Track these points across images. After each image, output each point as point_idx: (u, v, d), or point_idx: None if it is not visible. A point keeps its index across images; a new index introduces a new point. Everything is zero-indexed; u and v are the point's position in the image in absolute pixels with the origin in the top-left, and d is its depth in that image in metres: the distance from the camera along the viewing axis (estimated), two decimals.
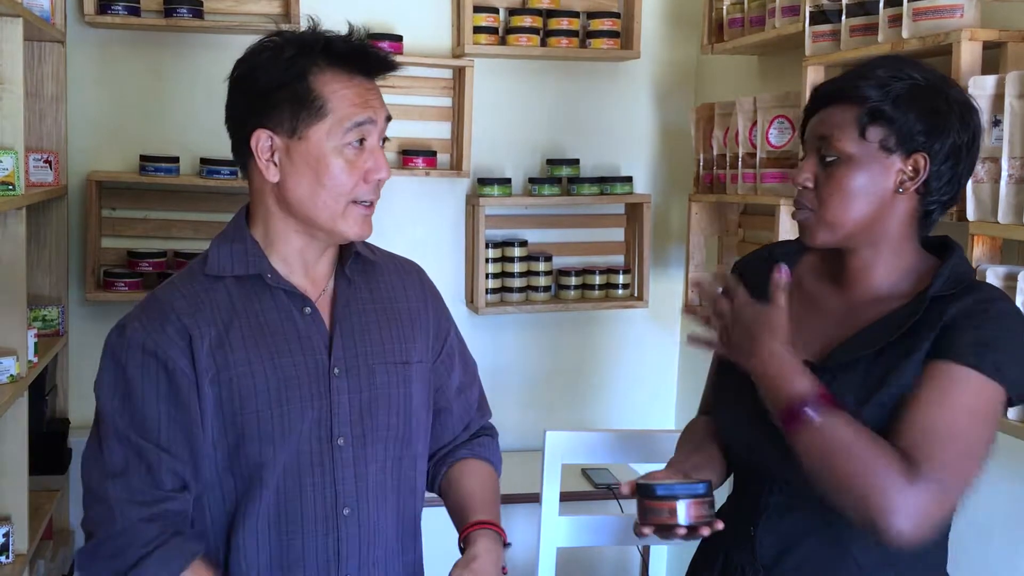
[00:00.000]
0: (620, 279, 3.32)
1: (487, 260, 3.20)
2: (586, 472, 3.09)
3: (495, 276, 3.23)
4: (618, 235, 3.42)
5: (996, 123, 1.74)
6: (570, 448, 2.27)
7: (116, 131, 3.02)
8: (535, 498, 2.30)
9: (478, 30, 3.14)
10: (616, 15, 3.25)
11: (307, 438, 1.46)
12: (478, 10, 3.13)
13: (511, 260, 3.24)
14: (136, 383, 1.43)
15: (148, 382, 1.42)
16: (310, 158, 1.43)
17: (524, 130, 3.32)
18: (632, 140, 3.41)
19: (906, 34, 2.00)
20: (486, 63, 3.22)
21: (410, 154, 3.12)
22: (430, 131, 3.23)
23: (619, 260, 3.41)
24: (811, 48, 2.36)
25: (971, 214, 1.83)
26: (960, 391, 1.30)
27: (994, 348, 1.30)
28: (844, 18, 2.23)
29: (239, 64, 1.48)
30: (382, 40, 2.98)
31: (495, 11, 3.16)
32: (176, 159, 2.95)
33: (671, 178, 3.44)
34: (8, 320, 2.36)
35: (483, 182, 3.19)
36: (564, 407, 3.42)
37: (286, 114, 1.43)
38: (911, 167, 1.36)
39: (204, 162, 2.95)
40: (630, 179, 3.28)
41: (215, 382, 1.43)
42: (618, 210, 3.39)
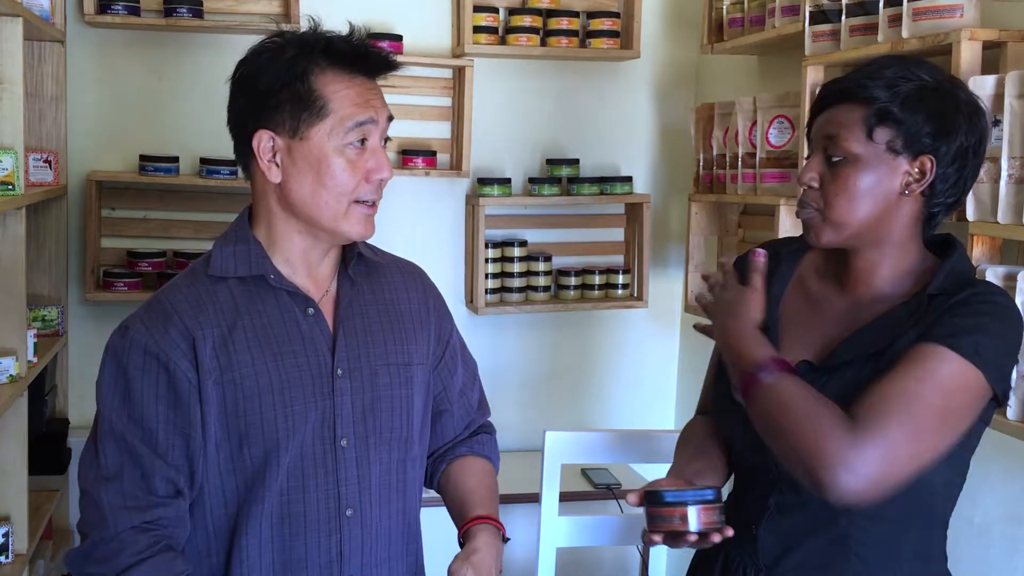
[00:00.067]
0: (620, 279, 3.31)
1: (487, 260, 3.20)
2: (586, 472, 3.09)
3: (495, 276, 3.23)
4: (618, 235, 3.42)
5: (996, 123, 1.74)
6: (570, 448, 2.27)
7: (116, 131, 3.02)
8: (535, 498, 2.30)
9: (478, 30, 3.13)
10: (616, 15, 3.25)
11: (311, 439, 1.46)
12: (478, 10, 3.13)
13: (511, 260, 3.24)
14: (136, 384, 1.43)
15: (148, 383, 1.42)
16: (312, 158, 1.43)
17: (524, 130, 3.32)
18: (632, 140, 3.41)
19: (906, 34, 2.00)
20: (486, 63, 3.22)
21: (410, 154, 3.12)
22: (430, 131, 3.23)
23: (619, 260, 3.41)
24: (811, 48, 2.36)
25: (971, 214, 1.83)
26: (930, 366, 1.28)
27: (975, 332, 1.29)
28: (844, 18, 2.23)
29: (240, 65, 1.48)
30: (382, 40, 2.98)
31: (495, 11, 3.16)
32: (176, 159, 2.95)
33: (671, 178, 3.44)
34: (8, 320, 2.35)
35: (483, 182, 3.19)
36: (564, 407, 3.42)
37: (287, 114, 1.43)
38: (917, 169, 1.36)
39: (204, 162, 2.95)
40: (630, 179, 3.28)
41: (219, 383, 1.43)
42: (618, 210, 3.39)
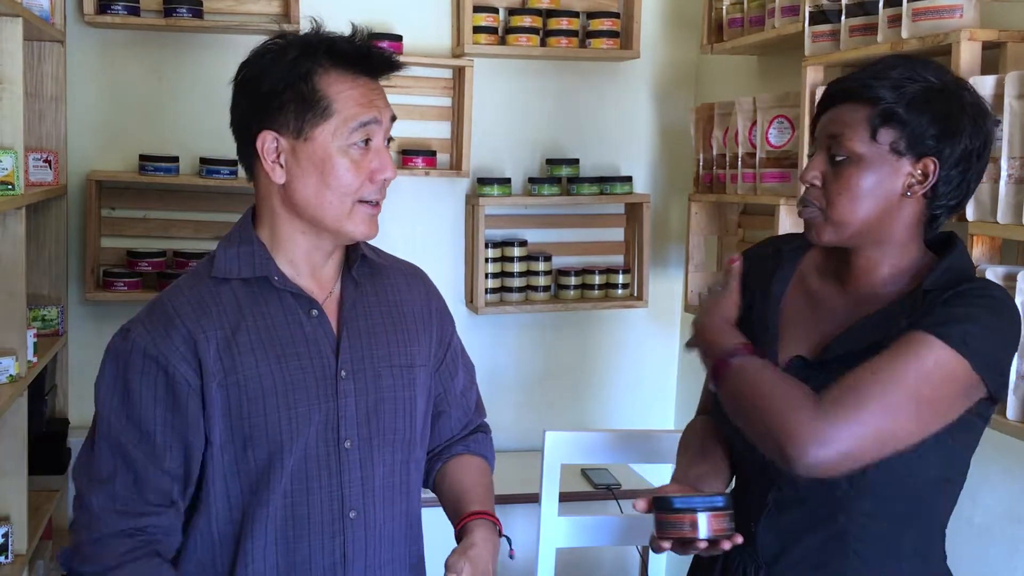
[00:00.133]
0: (620, 279, 3.31)
1: (487, 260, 3.20)
2: (585, 472, 3.09)
3: (495, 276, 3.23)
4: (618, 235, 3.42)
5: (996, 123, 1.74)
6: (569, 448, 2.26)
7: (116, 131, 3.02)
8: (534, 498, 2.29)
9: (478, 30, 3.13)
10: (616, 15, 3.25)
11: (314, 441, 1.46)
12: (478, 10, 3.13)
13: (511, 260, 3.24)
14: (135, 386, 1.42)
15: (147, 386, 1.42)
16: (316, 159, 1.43)
17: (524, 130, 3.32)
18: (632, 140, 3.41)
19: (905, 34, 2.00)
20: (486, 63, 3.22)
21: (410, 154, 3.12)
22: (430, 131, 3.23)
23: (619, 260, 3.41)
24: (811, 48, 2.36)
25: (970, 214, 1.83)
26: (914, 351, 1.28)
27: (965, 321, 1.29)
28: (844, 18, 2.23)
29: (243, 66, 1.48)
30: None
31: (495, 11, 3.16)
32: (176, 159, 2.95)
33: (671, 178, 3.44)
34: (7, 320, 2.35)
35: (483, 182, 3.19)
36: (563, 407, 3.42)
37: (291, 115, 1.43)
38: (920, 171, 1.36)
39: (204, 162, 2.95)
40: (630, 179, 3.28)
41: (223, 385, 1.43)
42: (618, 210, 3.39)
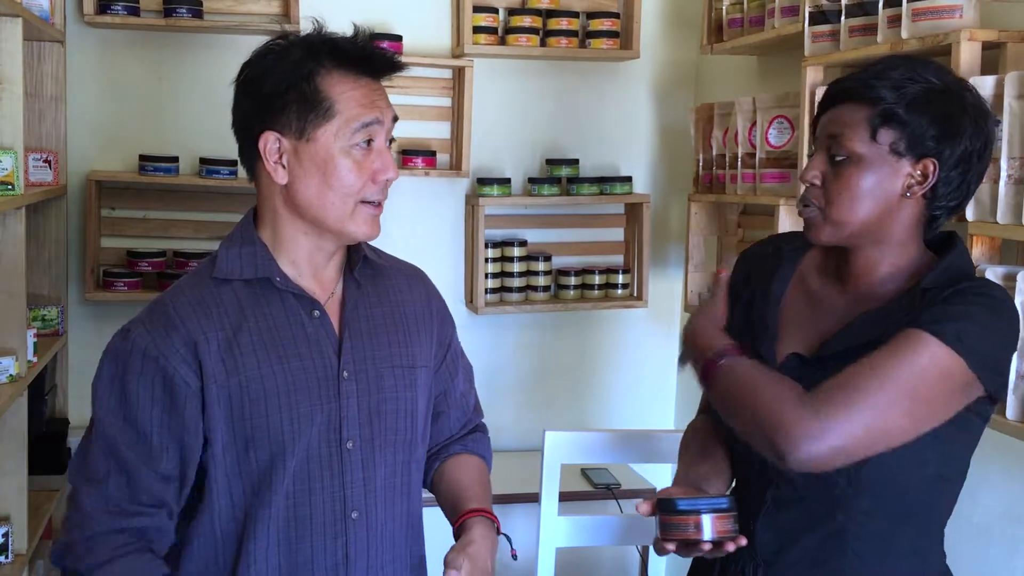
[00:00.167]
0: (619, 279, 3.31)
1: (486, 260, 3.20)
2: (585, 472, 3.09)
3: (494, 276, 3.23)
4: (617, 235, 3.42)
5: (996, 124, 1.74)
6: (569, 448, 2.27)
7: (115, 131, 3.02)
8: (534, 498, 2.30)
9: (478, 30, 3.14)
10: (615, 15, 3.25)
11: (316, 442, 1.46)
12: (478, 10, 3.13)
13: (510, 260, 3.24)
14: (133, 387, 1.42)
15: (145, 387, 1.42)
16: (318, 159, 1.43)
17: (524, 130, 3.32)
18: (631, 140, 3.41)
19: (905, 34, 2.00)
20: (486, 63, 3.22)
21: (410, 154, 3.12)
22: (430, 131, 3.23)
23: (618, 260, 3.41)
24: (810, 48, 2.36)
25: (970, 214, 1.83)
26: (909, 348, 1.28)
27: (961, 319, 1.29)
28: (843, 18, 2.23)
29: (245, 67, 1.48)
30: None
31: (495, 11, 3.16)
32: (175, 159, 2.95)
33: (670, 178, 3.44)
34: (7, 320, 2.35)
35: (482, 182, 3.19)
36: (563, 407, 3.42)
37: (294, 116, 1.43)
38: (920, 172, 1.36)
39: (203, 162, 2.95)
40: (629, 179, 3.28)
41: (225, 386, 1.43)
42: (617, 210, 3.39)
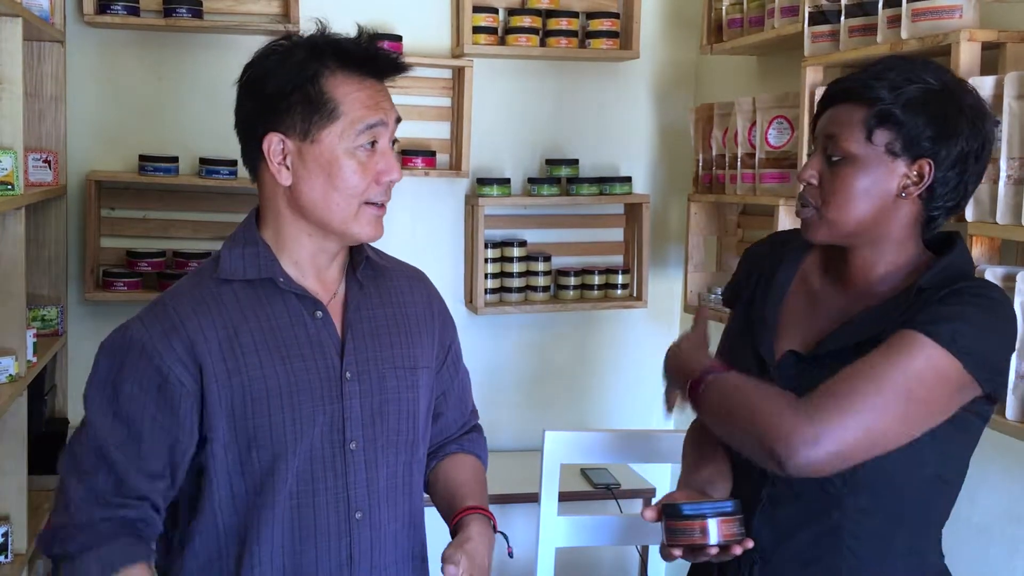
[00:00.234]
0: (619, 279, 3.31)
1: (486, 260, 3.20)
2: (585, 472, 3.10)
3: (494, 276, 3.23)
4: (617, 235, 3.42)
5: (995, 124, 1.74)
6: (569, 448, 2.26)
7: (115, 131, 3.02)
8: (534, 498, 2.29)
9: (477, 30, 3.14)
10: (615, 15, 3.25)
11: (320, 442, 1.46)
12: (477, 10, 3.13)
13: (510, 260, 3.24)
14: (126, 383, 1.42)
15: (138, 384, 1.42)
16: (322, 160, 1.43)
17: (523, 130, 3.32)
18: (631, 140, 3.41)
19: (905, 35, 2.00)
20: (485, 63, 3.22)
21: (409, 154, 3.12)
22: (429, 131, 3.23)
23: (618, 260, 3.41)
24: (810, 48, 2.36)
25: (969, 215, 1.83)
26: (904, 350, 1.28)
27: (956, 320, 1.29)
28: (843, 19, 2.23)
29: (248, 68, 1.47)
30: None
31: (494, 11, 3.16)
32: (175, 159, 2.95)
33: (670, 178, 3.44)
34: (7, 320, 2.35)
35: (482, 182, 3.19)
36: (563, 407, 3.42)
37: (298, 117, 1.43)
38: (916, 172, 1.36)
39: (203, 162, 2.95)
40: (629, 179, 3.28)
41: (227, 385, 1.43)
42: (617, 210, 3.39)
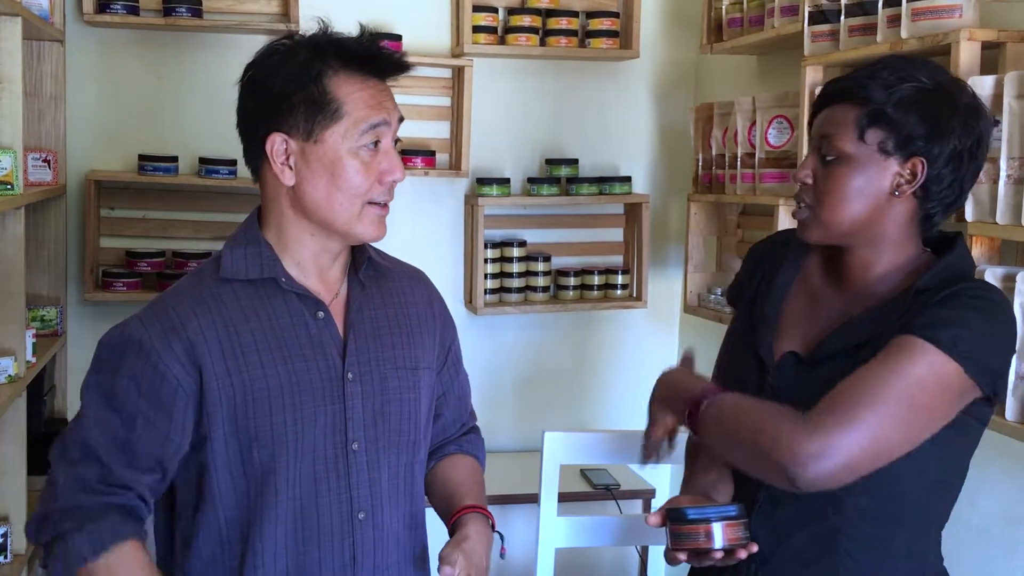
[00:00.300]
0: (619, 279, 3.31)
1: (486, 260, 3.20)
2: (585, 473, 3.09)
3: (494, 276, 3.23)
4: (617, 235, 3.41)
5: (995, 123, 1.74)
6: (569, 449, 2.26)
7: (115, 130, 3.02)
8: (533, 499, 2.29)
9: (477, 29, 3.13)
10: (615, 15, 3.24)
11: (322, 443, 1.46)
12: (477, 9, 3.13)
13: (510, 260, 3.24)
14: (122, 380, 1.43)
15: (134, 381, 1.42)
16: (326, 160, 1.43)
17: (523, 130, 3.32)
18: (631, 140, 3.41)
19: (905, 34, 2.00)
20: (485, 63, 3.21)
21: (409, 154, 3.11)
22: (429, 131, 3.23)
23: (618, 260, 3.41)
24: (810, 48, 2.36)
25: (969, 215, 1.83)
26: (905, 357, 1.28)
27: (956, 325, 1.29)
28: (843, 18, 2.23)
29: (250, 67, 1.47)
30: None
31: (494, 11, 3.16)
32: (175, 159, 2.95)
33: (670, 178, 3.44)
34: (6, 320, 2.35)
35: (482, 182, 3.18)
36: (563, 407, 3.42)
37: (301, 117, 1.42)
38: (908, 170, 1.36)
39: (203, 162, 2.94)
40: (629, 179, 3.28)
41: (227, 384, 1.43)
42: (617, 210, 3.39)
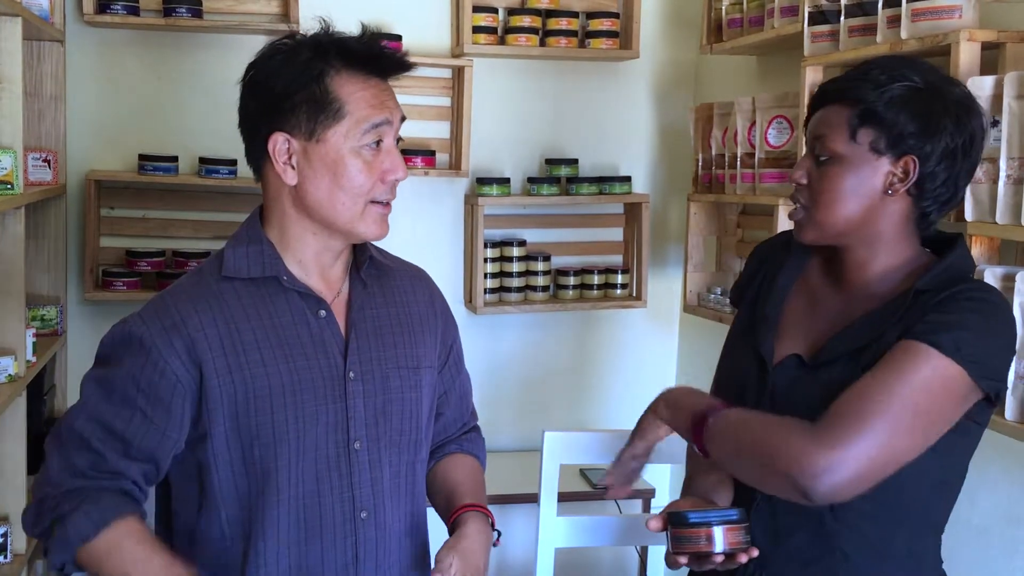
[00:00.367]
0: (619, 279, 3.31)
1: (486, 260, 3.20)
2: (584, 472, 3.09)
3: (494, 276, 3.23)
4: (617, 235, 3.42)
5: (994, 124, 1.74)
6: (568, 448, 2.26)
7: (115, 130, 3.02)
8: (533, 498, 2.29)
9: (477, 30, 3.13)
10: (615, 15, 3.25)
11: (324, 442, 1.47)
12: (477, 10, 3.13)
13: (510, 260, 3.24)
14: (121, 374, 1.43)
15: (132, 377, 1.43)
16: (328, 160, 1.43)
17: (523, 130, 3.32)
18: (631, 140, 3.41)
19: (905, 35, 2.00)
20: (485, 63, 3.22)
21: (409, 153, 3.11)
22: (429, 130, 3.23)
23: (618, 260, 3.41)
24: (810, 48, 2.36)
25: (969, 214, 1.83)
26: (910, 363, 1.28)
27: (957, 328, 1.29)
28: (843, 18, 2.23)
29: (252, 67, 1.48)
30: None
31: (494, 11, 3.16)
32: (175, 158, 2.95)
33: (670, 178, 3.44)
34: (6, 319, 2.35)
35: (482, 182, 3.18)
36: (562, 407, 3.42)
37: (304, 117, 1.43)
38: (901, 169, 1.36)
39: (203, 161, 2.94)
40: (629, 179, 3.28)
41: (228, 382, 1.43)
42: (617, 210, 3.39)
